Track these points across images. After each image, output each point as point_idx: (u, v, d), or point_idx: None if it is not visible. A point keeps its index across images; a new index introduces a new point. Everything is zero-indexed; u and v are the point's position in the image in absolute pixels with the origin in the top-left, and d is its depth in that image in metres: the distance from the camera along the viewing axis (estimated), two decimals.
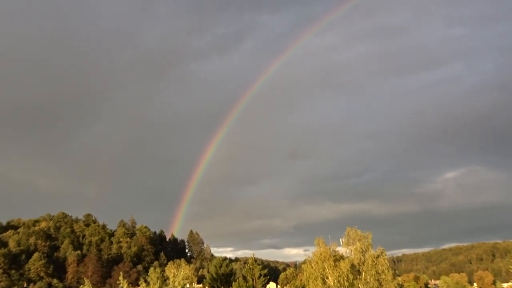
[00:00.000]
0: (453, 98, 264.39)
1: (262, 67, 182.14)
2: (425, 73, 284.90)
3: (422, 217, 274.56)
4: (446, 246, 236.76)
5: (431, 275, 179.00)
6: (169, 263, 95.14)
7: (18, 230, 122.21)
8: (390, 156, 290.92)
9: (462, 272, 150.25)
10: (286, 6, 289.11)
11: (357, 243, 47.62)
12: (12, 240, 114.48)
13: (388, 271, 44.44)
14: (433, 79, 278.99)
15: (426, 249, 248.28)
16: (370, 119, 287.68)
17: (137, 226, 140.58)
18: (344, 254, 49.92)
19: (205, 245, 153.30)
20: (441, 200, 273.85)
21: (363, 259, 46.71)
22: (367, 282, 44.62)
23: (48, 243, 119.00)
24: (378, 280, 44.12)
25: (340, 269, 43.48)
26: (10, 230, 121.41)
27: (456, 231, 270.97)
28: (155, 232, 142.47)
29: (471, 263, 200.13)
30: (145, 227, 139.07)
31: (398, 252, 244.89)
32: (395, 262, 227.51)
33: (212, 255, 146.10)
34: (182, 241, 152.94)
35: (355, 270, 44.92)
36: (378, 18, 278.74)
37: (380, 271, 44.21)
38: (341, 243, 50.57)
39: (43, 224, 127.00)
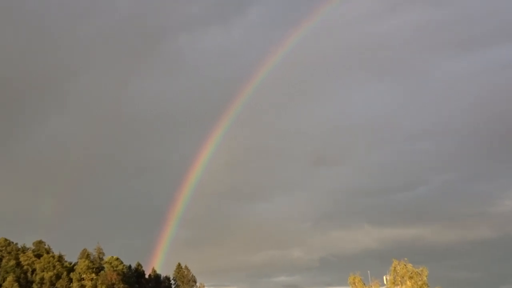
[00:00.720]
0: None
1: (275, 43, 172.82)
2: (498, 48, 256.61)
3: (498, 245, 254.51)
4: None
5: None
6: None
7: None
8: (452, 164, 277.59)
9: None
10: None
11: (408, 281, 46.29)
12: None
13: None
14: (510, 57, 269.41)
15: None
16: (422, 112, 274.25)
17: (106, 258, 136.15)
18: None
19: (198, 284, 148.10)
20: None
21: None
22: None
23: None
24: None
25: None
26: None
27: None
28: (129, 266, 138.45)
29: None
30: (116, 259, 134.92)
31: None
32: None
33: None
34: (167, 278, 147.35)
35: None
36: None
37: None
38: (385, 282, 47.52)
39: None
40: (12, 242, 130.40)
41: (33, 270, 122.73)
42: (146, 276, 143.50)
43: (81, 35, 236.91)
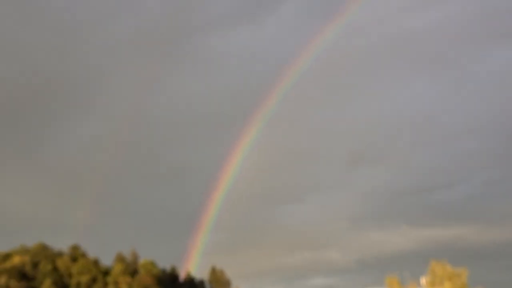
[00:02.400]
0: None
1: (308, 38, 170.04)
2: None
3: None
4: None
5: None
6: None
7: None
8: (495, 160, 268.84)
9: None
10: None
11: (446, 282, 46.99)
12: None
13: None
14: None
15: None
16: (465, 107, 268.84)
17: (140, 261, 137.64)
18: None
19: (233, 287, 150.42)
20: None
21: None
22: None
23: (23, 284, 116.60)
24: None
25: None
26: None
27: None
28: (164, 270, 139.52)
29: None
30: (151, 262, 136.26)
31: None
32: None
33: None
34: (202, 281, 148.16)
35: None
36: None
37: None
38: (423, 283, 47.23)
39: (16, 260, 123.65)
40: (48, 247, 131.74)
41: (70, 274, 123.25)
42: (181, 280, 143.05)
43: (111, 36, 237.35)
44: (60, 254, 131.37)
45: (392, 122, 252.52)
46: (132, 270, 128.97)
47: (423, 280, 48.43)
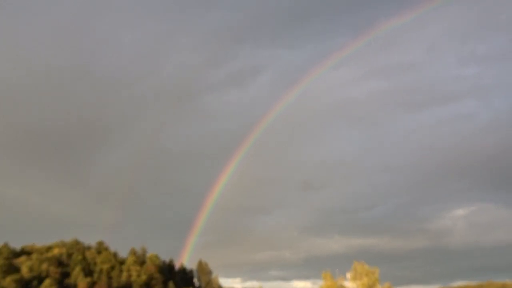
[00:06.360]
0: (466, 134, 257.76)
1: (278, 100, 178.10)
2: (438, 109, 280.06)
3: (432, 253, 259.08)
4: (455, 284, 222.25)
5: None
6: None
7: (31, 256, 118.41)
8: (402, 191, 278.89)
9: None
10: (302, 41, 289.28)
11: (364, 278, 46.36)
12: (25, 266, 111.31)
13: None
14: (446, 116, 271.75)
15: (434, 286, 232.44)
16: (383, 153, 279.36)
17: (148, 255, 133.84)
18: None
19: (213, 275, 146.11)
20: (451, 237, 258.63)
21: None
22: None
23: (59, 270, 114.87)
24: None
25: None
26: (23, 256, 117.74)
27: (465, 269, 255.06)
28: (164, 261, 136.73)
29: None
30: (156, 255, 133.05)
31: None
32: None
33: (219, 285, 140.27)
34: (191, 270, 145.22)
35: None
36: (392, 55, 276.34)
37: None
38: (348, 278, 47.00)
39: (55, 251, 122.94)
40: (80, 242, 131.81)
41: (95, 263, 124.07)
42: (176, 269, 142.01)
43: (136, 92, 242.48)
44: (88, 248, 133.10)
45: (331, 161, 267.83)
46: (141, 261, 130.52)
47: (348, 275, 48.83)
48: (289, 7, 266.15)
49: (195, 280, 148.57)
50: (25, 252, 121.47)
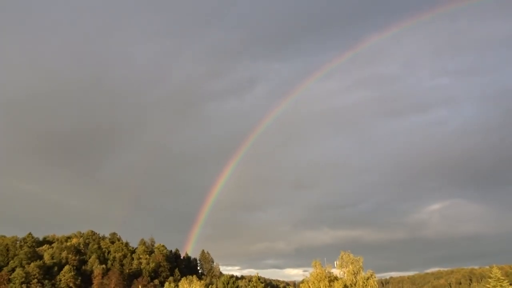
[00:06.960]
0: (439, 138, 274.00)
1: (272, 108, 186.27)
2: (414, 116, 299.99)
3: (409, 243, 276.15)
4: (429, 270, 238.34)
5: None
6: (182, 279, 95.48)
7: (53, 245, 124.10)
8: (383, 189, 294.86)
9: None
10: (294, 56, 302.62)
11: (350, 266, 48.80)
12: (47, 254, 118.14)
13: None
14: (421, 122, 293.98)
15: (411, 273, 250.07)
16: (366, 155, 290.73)
17: (156, 245, 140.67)
18: (338, 276, 50.37)
19: (214, 264, 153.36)
20: (426, 229, 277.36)
21: (354, 280, 47.54)
22: None
23: (77, 257, 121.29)
24: None
25: None
26: (45, 245, 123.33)
27: (438, 257, 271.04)
28: (171, 251, 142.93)
29: (450, 286, 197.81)
30: (163, 245, 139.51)
31: (386, 275, 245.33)
32: (383, 284, 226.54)
33: (220, 272, 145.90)
34: (195, 259, 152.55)
35: None
36: (373, 68, 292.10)
37: None
38: (335, 266, 51.14)
39: (74, 240, 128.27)
40: (96, 233, 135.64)
41: (109, 252, 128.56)
42: (181, 257, 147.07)
43: (145, 99, 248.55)
44: (103, 238, 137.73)
45: (320, 163, 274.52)
46: (150, 251, 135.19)
47: (336, 263, 50.13)
48: (282, 25, 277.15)
49: (199, 268, 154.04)
50: (47, 241, 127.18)
